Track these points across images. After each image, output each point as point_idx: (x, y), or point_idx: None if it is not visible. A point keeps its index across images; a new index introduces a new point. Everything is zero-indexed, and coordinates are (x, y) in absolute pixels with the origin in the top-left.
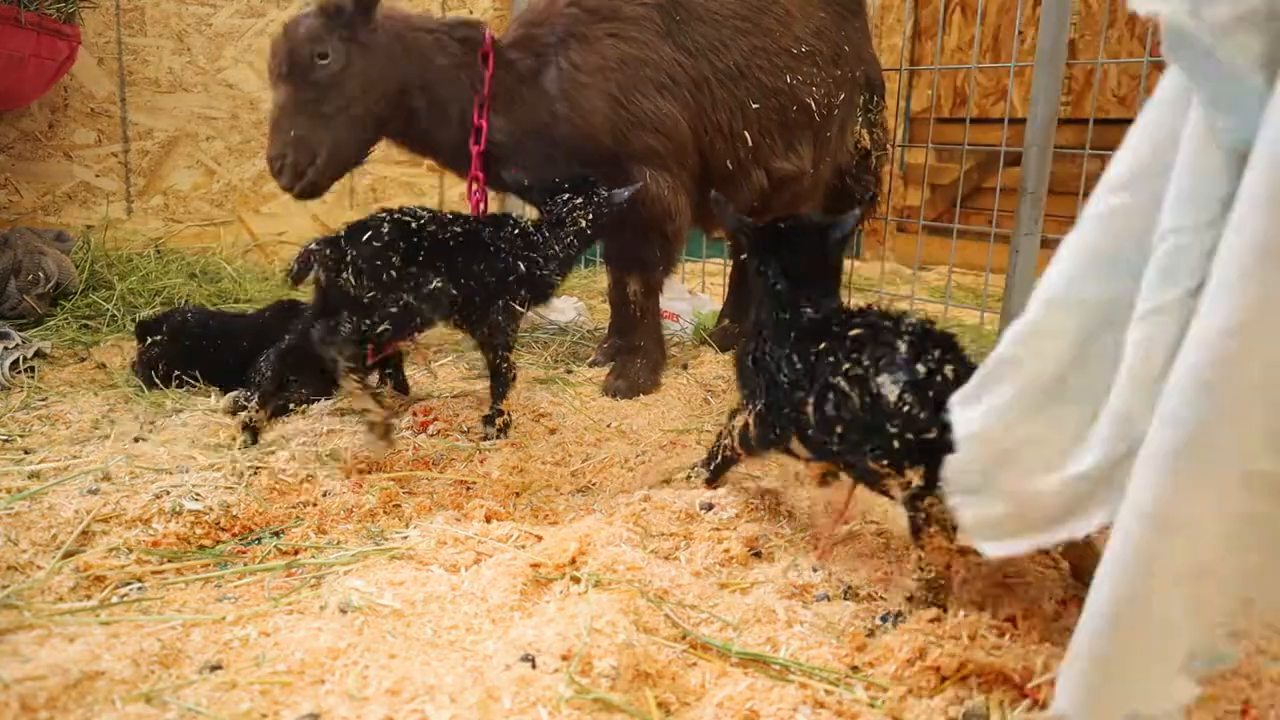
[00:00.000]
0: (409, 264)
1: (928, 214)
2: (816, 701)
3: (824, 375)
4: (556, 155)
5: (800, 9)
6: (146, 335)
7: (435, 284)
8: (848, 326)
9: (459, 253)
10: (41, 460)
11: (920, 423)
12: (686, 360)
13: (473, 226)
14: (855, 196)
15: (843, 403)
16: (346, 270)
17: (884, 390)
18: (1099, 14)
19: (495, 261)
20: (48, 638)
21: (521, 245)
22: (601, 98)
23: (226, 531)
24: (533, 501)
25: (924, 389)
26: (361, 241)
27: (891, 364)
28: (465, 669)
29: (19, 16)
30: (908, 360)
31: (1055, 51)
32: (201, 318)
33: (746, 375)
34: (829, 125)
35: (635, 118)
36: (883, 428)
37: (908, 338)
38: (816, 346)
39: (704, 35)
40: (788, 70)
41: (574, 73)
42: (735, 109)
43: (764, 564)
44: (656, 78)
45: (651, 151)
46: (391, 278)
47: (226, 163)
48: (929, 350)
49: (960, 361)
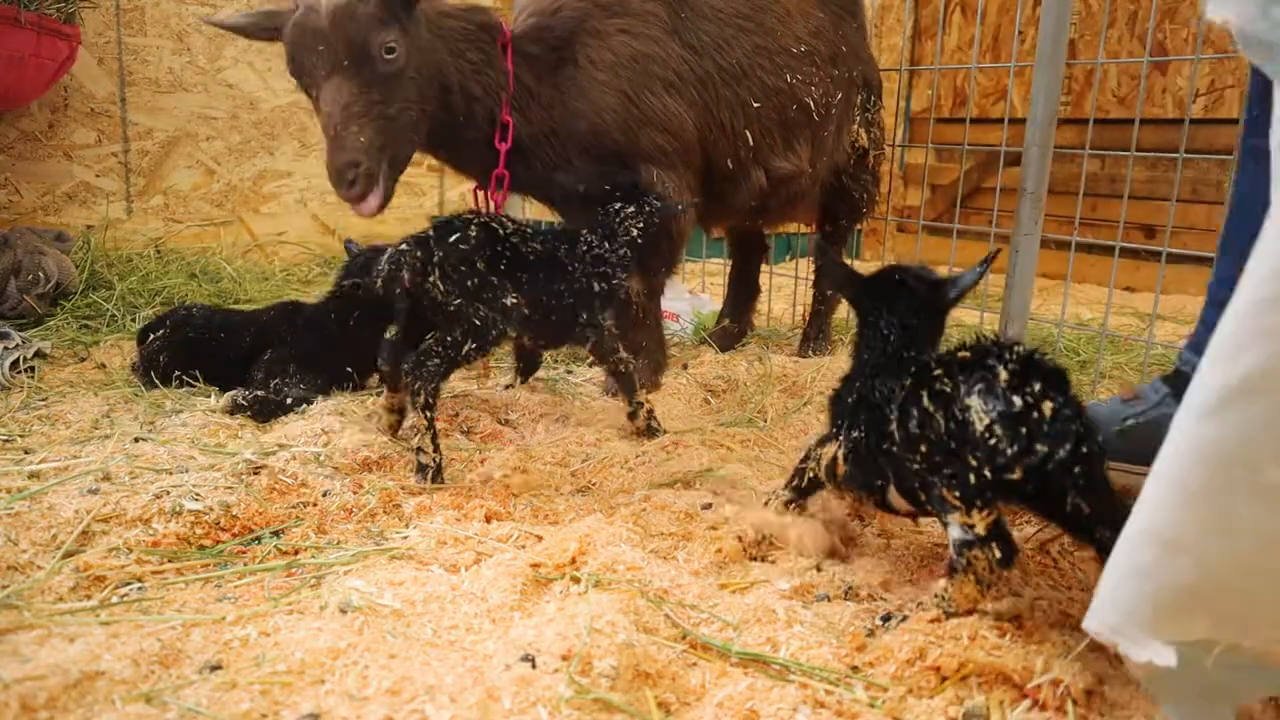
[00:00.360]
0: (492, 273)
1: (928, 214)
2: (816, 701)
3: (916, 396)
4: (571, 154)
5: (799, 9)
6: (149, 335)
7: (513, 299)
8: (952, 354)
9: (538, 269)
10: (41, 460)
11: (1004, 459)
12: (686, 360)
13: (550, 242)
14: (853, 195)
15: (927, 421)
16: (433, 273)
17: (971, 415)
18: (1099, 14)
19: (573, 281)
20: (48, 638)
21: (594, 263)
22: (615, 95)
23: (226, 531)
24: (533, 501)
25: (1016, 423)
26: (449, 242)
27: (986, 389)
28: (465, 669)
29: (19, 16)
30: (1005, 389)
31: (1055, 51)
32: (205, 313)
33: (843, 409)
34: (827, 125)
35: (645, 116)
36: (963, 455)
37: (1011, 366)
38: (918, 384)
39: (708, 33)
40: (788, 69)
41: (591, 69)
42: (738, 107)
43: (764, 564)
44: (665, 75)
45: (660, 151)
46: (475, 285)
47: (226, 163)
48: (1031, 382)
49: (1065, 399)
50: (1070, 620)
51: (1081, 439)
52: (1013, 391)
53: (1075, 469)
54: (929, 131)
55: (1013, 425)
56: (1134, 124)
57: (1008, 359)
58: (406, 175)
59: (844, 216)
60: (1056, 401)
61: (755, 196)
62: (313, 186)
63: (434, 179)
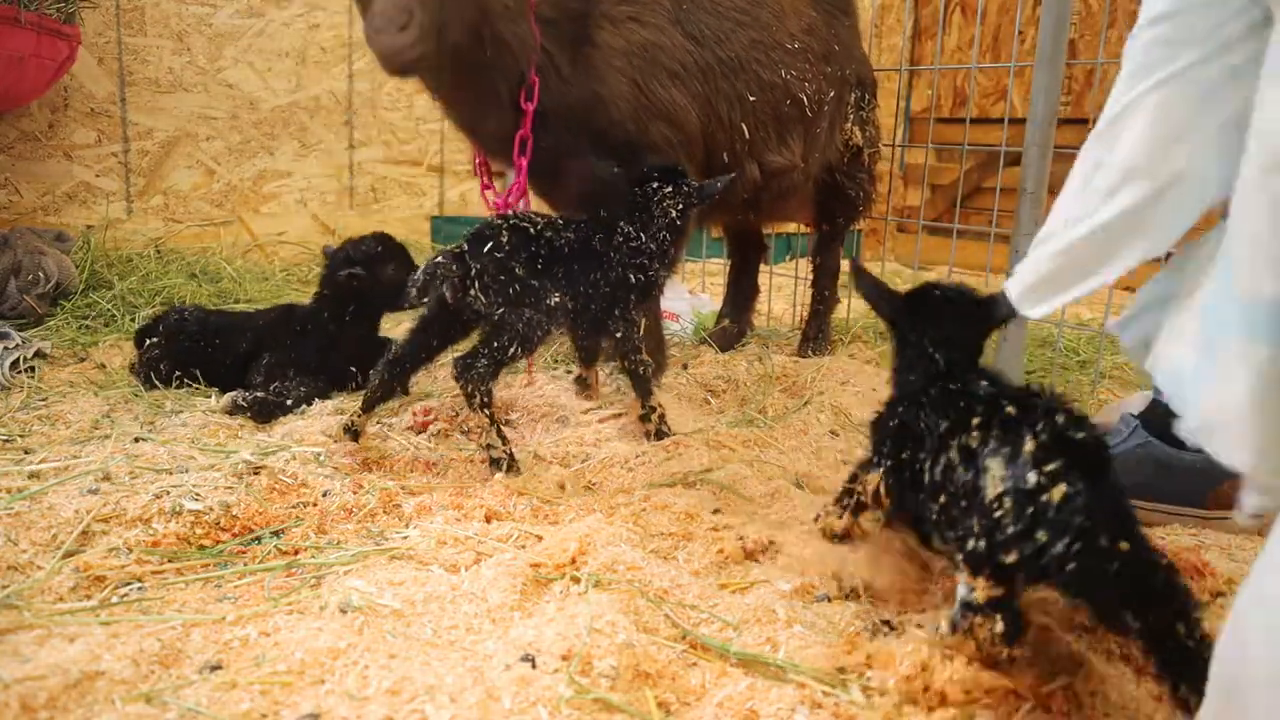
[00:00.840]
0: (531, 275)
1: (928, 214)
2: (814, 703)
3: (947, 442)
4: (580, 137)
5: (792, 6)
6: (145, 339)
7: (556, 297)
8: (999, 400)
9: (574, 260)
10: (41, 460)
11: (1002, 537)
12: (687, 360)
13: (585, 233)
14: (848, 194)
15: (949, 471)
16: (473, 286)
17: (986, 480)
18: (1099, 14)
19: (610, 270)
20: (48, 638)
21: (630, 252)
22: (628, 84)
23: (226, 531)
24: (533, 501)
25: (1025, 501)
26: (484, 253)
27: (1010, 455)
28: (465, 669)
29: (19, 16)
30: (1026, 462)
31: (1055, 51)
32: (199, 316)
33: (885, 435)
34: (819, 121)
35: (654, 107)
36: (971, 518)
37: (1042, 435)
38: (953, 429)
39: (708, 25)
40: (782, 65)
41: (608, 53)
42: (735, 101)
43: (764, 564)
44: (671, 66)
45: (666, 142)
46: (517, 291)
47: (226, 163)
48: (1055, 458)
49: (1084, 486)
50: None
51: (1085, 533)
52: (1034, 465)
53: (1071, 565)
54: (929, 131)
55: (1021, 502)
56: None
57: (1041, 427)
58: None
59: (840, 215)
60: (1073, 487)
61: (748, 189)
62: (313, 186)
63: (434, 179)
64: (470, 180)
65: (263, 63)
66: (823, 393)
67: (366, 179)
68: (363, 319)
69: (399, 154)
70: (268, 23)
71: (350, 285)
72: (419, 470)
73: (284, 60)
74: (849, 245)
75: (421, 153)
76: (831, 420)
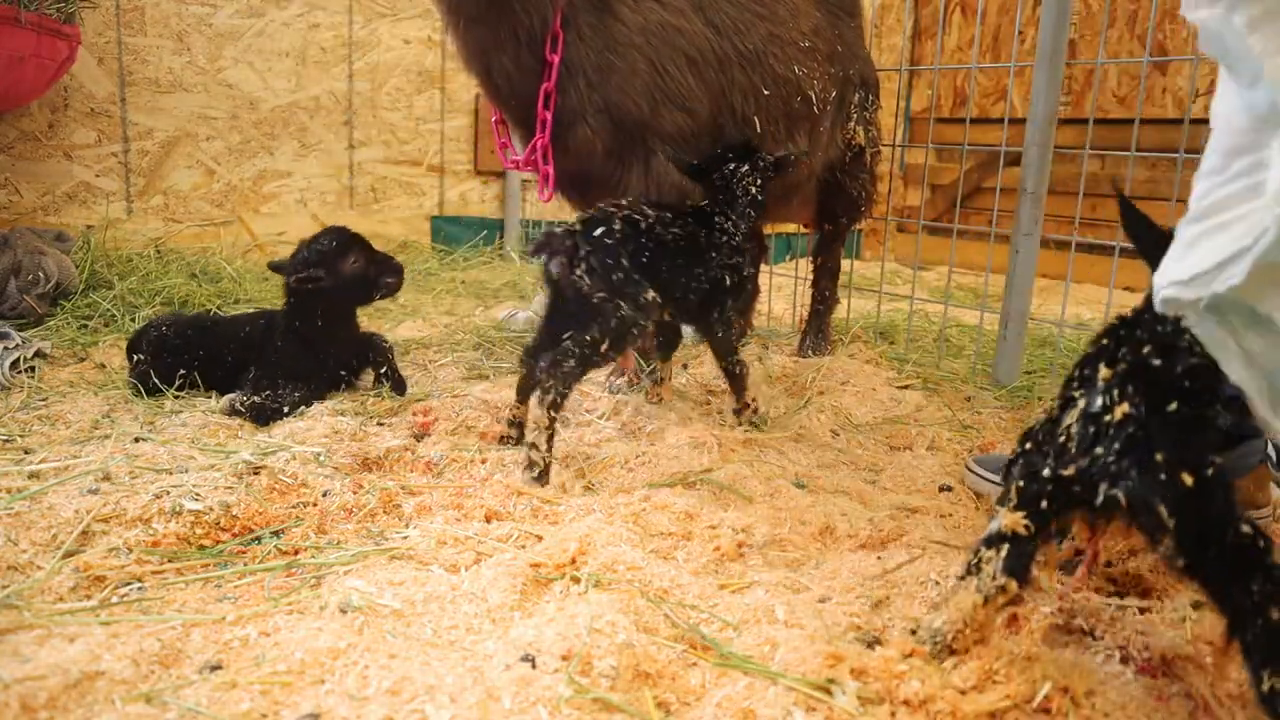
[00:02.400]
0: (635, 269)
1: (928, 214)
2: (809, 705)
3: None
4: (590, 109)
5: (802, 6)
6: (133, 354)
7: (650, 293)
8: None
9: (678, 256)
10: (41, 460)
11: (1068, 455)
12: (686, 360)
13: (690, 229)
14: (850, 194)
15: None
16: (580, 266)
17: (1071, 407)
18: (1099, 14)
19: (710, 270)
20: (48, 638)
21: (730, 250)
22: (646, 63)
23: (226, 531)
24: (533, 501)
25: (1090, 422)
26: (595, 236)
27: (1091, 378)
28: (465, 669)
29: (19, 16)
30: (1106, 384)
31: (1055, 51)
32: (180, 329)
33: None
34: (824, 120)
35: (668, 92)
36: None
37: (1120, 365)
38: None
39: (728, 15)
40: (795, 61)
41: (629, 29)
42: (749, 93)
43: (765, 564)
44: (689, 51)
45: (678, 131)
46: (620, 280)
47: (226, 163)
48: (1133, 382)
49: (1156, 410)
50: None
51: (1139, 446)
52: (1108, 389)
53: (1134, 498)
54: (929, 131)
55: (1087, 422)
56: (1134, 124)
57: (1123, 354)
58: (406, 175)
59: (842, 215)
60: (1137, 409)
61: None
62: (312, 186)
63: (434, 179)
64: (470, 180)
65: (263, 63)
66: (823, 393)
67: (366, 179)
68: (336, 318)
69: (399, 154)
70: (268, 23)
71: (310, 289)
72: (419, 470)
73: (284, 60)
74: (849, 245)
75: (421, 153)
76: (831, 420)
